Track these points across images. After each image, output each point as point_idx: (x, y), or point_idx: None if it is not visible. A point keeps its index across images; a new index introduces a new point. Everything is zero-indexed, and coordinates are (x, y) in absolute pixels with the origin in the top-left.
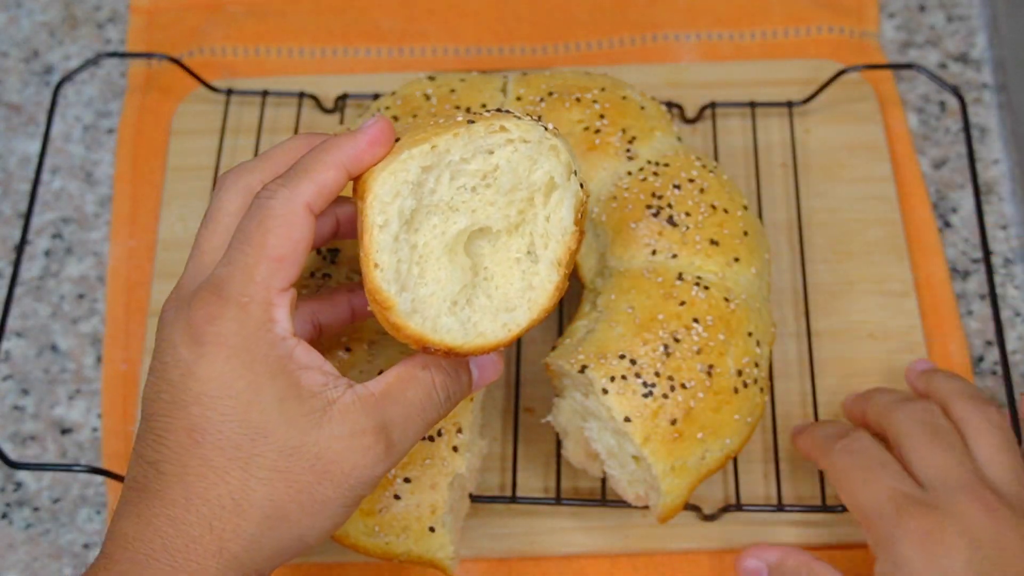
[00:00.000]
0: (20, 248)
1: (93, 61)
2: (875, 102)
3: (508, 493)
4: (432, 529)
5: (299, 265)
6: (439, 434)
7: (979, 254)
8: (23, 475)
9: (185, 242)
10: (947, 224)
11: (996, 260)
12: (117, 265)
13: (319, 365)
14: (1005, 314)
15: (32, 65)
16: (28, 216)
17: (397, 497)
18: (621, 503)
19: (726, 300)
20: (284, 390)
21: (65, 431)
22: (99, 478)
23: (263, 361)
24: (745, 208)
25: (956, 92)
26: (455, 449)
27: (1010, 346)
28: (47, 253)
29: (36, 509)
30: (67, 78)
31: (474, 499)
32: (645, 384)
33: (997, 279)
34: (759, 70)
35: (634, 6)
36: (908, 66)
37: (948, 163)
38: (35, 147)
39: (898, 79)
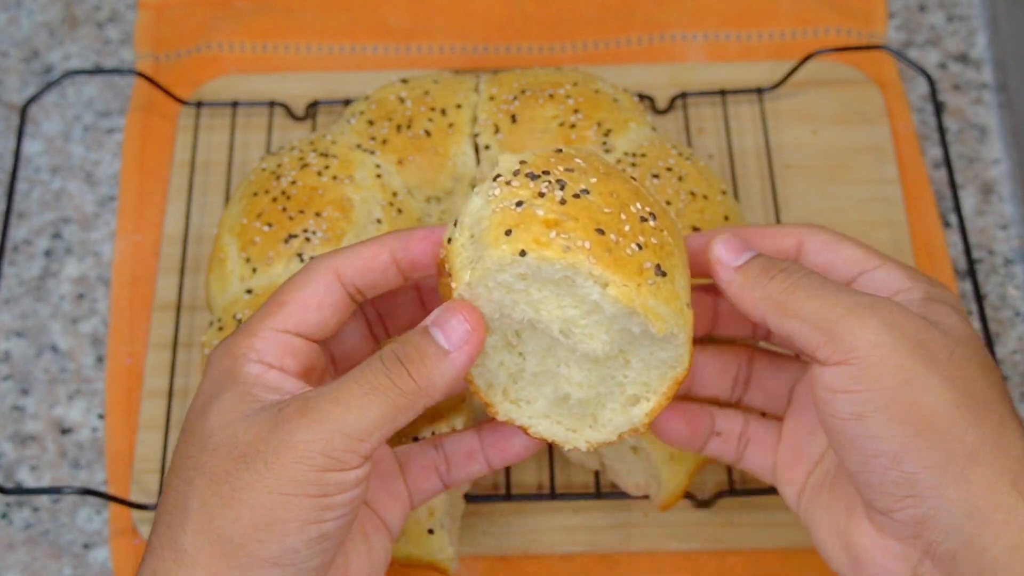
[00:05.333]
0: (1, 247)
1: (57, 82)
2: (881, 104)
3: (502, 491)
4: (431, 531)
5: (305, 316)
6: (432, 435)
7: (979, 254)
8: (23, 475)
9: (190, 237)
10: (947, 224)
11: (996, 260)
12: (122, 259)
13: (289, 388)
14: (1005, 314)
15: (32, 65)
16: (7, 217)
17: None
18: (616, 495)
19: None
20: (229, 400)
21: (65, 431)
22: (99, 476)
23: (225, 380)
24: (724, 193)
25: (926, 74)
26: None
27: (1010, 346)
28: (47, 253)
29: (36, 509)
30: (33, 99)
31: (469, 498)
32: None
33: (997, 279)
34: (766, 71)
35: (641, 6)
36: (877, 47)
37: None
38: (35, 147)
39: (903, 79)
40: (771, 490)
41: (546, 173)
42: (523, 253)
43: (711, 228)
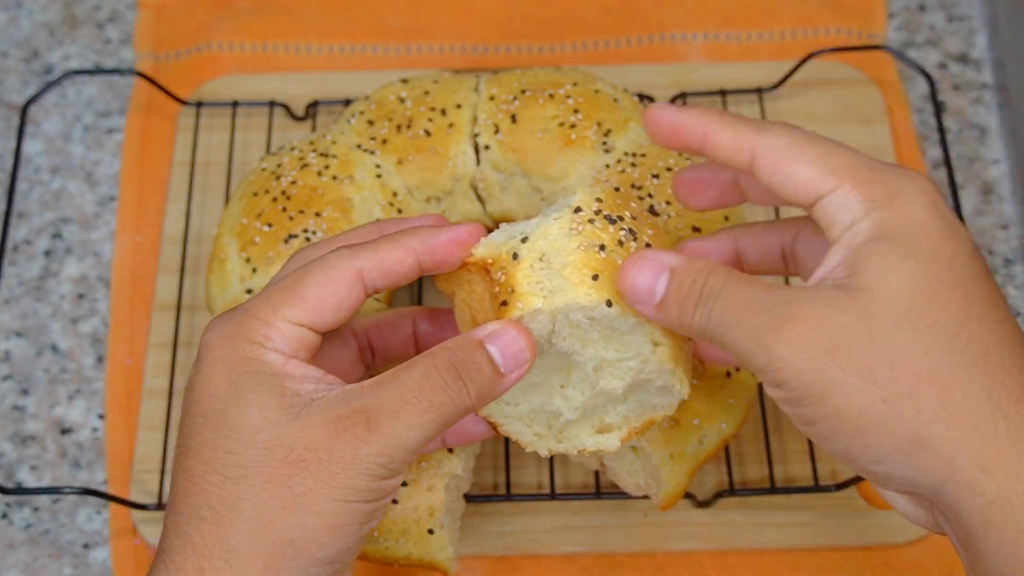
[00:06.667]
0: (1, 247)
1: (57, 82)
2: (881, 104)
3: (502, 491)
4: (431, 531)
5: (322, 314)
6: None
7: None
8: (23, 475)
9: (190, 237)
10: None
11: (996, 260)
12: (122, 260)
13: (315, 376)
14: None
15: (32, 65)
16: (7, 217)
17: (394, 501)
18: (615, 495)
19: None
20: (267, 394)
21: (65, 431)
22: (99, 476)
23: (249, 368)
24: None
25: (926, 74)
26: (450, 450)
27: None
28: (47, 253)
29: (36, 509)
30: (33, 100)
31: (469, 498)
32: None
33: (997, 279)
34: (766, 71)
35: (641, 6)
36: (877, 48)
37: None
38: (35, 147)
39: (903, 79)
40: (771, 490)
41: (620, 219)
42: (609, 304)
43: (711, 228)
